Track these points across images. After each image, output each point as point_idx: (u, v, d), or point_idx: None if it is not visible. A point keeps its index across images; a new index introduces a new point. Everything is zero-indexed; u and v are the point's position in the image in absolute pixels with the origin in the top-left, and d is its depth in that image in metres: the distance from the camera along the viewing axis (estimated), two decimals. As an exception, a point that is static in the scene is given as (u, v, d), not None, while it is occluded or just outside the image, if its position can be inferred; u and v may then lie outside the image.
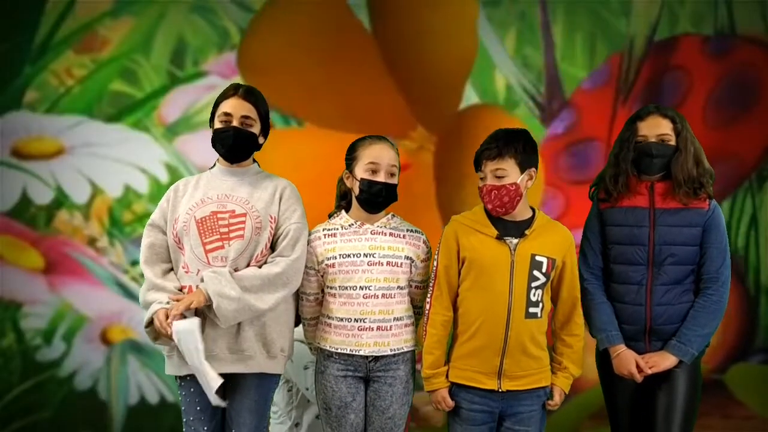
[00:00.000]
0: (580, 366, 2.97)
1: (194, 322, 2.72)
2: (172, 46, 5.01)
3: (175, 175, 4.84)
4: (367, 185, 2.93)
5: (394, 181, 2.96)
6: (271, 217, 2.89)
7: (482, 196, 2.90)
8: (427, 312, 2.94)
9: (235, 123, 2.92)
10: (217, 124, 2.95)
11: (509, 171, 2.85)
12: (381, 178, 2.93)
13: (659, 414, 2.98)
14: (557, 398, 2.94)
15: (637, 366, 2.96)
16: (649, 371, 2.96)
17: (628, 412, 3.07)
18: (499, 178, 2.85)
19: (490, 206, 2.88)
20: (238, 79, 4.60)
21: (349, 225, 2.98)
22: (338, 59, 4.93)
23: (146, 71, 5.01)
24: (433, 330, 2.91)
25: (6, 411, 4.94)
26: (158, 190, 4.85)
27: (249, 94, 2.97)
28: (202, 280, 2.80)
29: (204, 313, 2.81)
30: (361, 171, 2.95)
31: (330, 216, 3.07)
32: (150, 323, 2.83)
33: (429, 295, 2.94)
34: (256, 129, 2.96)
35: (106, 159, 5.00)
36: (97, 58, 4.99)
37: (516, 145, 2.86)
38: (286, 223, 2.89)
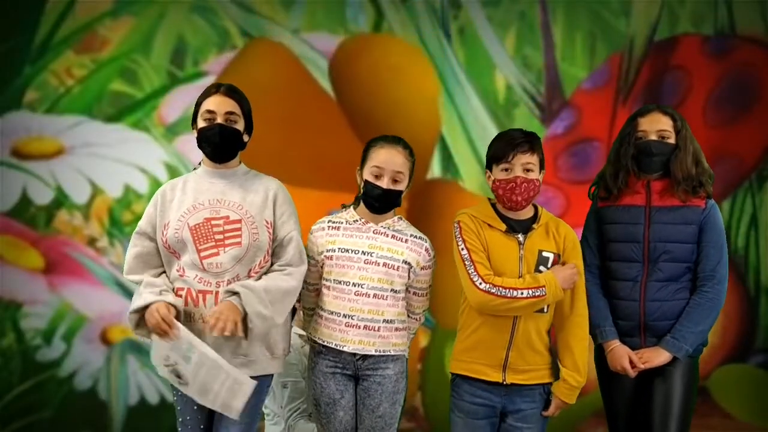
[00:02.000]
0: (582, 373, 2.90)
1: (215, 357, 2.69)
2: (172, 46, 5.01)
3: (174, 175, 4.81)
4: (369, 188, 2.93)
5: (398, 187, 2.93)
6: (267, 222, 2.84)
7: (508, 188, 2.85)
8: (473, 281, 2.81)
9: (219, 120, 2.85)
10: (201, 123, 2.87)
11: (535, 167, 2.86)
12: (383, 183, 2.91)
13: (656, 414, 2.98)
14: (552, 410, 2.91)
15: (631, 362, 2.97)
16: (642, 366, 2.96)
17: (625, 411, 3.07)
18: (528, 171, 2.85)
19: (518, 198, 2.84)
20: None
21: (354, 221, 2.97)
22: (302, 124, 4.96)
23: (146, 71, 5.01)
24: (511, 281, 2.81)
25: (6, 411, 4.93)
26: (158, 190, 4.86)
27: (231, 91, 2.90)
28: (227, 293, 2.74)
29: (192, 314, 2.78)
30: (366, 172, 2.95)
31: (342, 207, 3.06)
32: (137, 311, 2.78)
33: (465, 276, 2.84)
34: (240, 126, 2.89)
35: (106, 159, 5.00)
36: (97, 58, 4.99)
37: (539, 143, 2.90)
38: (286, 228, 2.86)
